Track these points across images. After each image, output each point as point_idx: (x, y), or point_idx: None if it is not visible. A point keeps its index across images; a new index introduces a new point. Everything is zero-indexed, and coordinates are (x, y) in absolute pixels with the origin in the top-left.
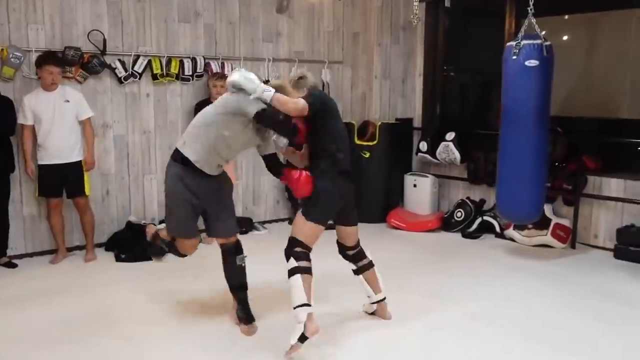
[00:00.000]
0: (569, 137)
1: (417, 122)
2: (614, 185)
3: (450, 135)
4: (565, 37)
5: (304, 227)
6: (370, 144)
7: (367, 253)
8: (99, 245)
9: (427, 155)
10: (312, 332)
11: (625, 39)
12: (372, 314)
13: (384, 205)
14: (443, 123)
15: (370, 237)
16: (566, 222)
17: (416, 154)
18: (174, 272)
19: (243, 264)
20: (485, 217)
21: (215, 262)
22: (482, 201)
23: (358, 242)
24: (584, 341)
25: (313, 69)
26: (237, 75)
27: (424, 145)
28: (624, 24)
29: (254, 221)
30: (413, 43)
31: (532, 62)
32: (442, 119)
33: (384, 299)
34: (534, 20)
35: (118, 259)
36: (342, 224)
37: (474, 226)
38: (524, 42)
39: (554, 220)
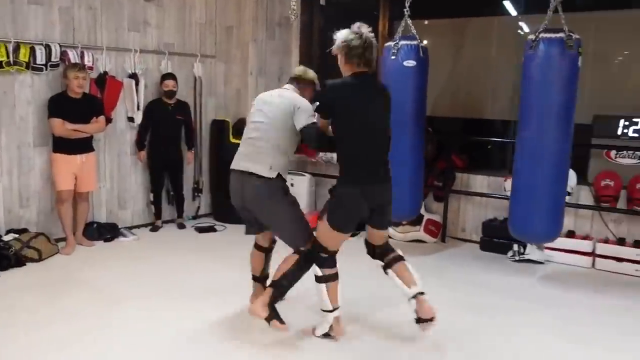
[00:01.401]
0: (438, 137)
1: None
2: (478, 182)
3: None
4: (435, 41)
5: (325, 231)
6: None
7: (398, 250)
8: None
9: (304, 154)
10: (338, 333)
11: (488, 44)
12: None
13: None
14: None
15: (245, 238)
16: (437, 218)
17: (294, 152)
18: (30, 290)
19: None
20: None
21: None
22: None
23: (386, 242)
24: (460, 332)
25: (184, 62)
26: None
27: None
28: (487, 30)
29: (120, 227)
30: (289, 40)
31: (410, 63)
32: None
33: (422, 293)
34: (410, 22)
35: None
36: (370, 225)
37: None
38: (402, 42)
39: (426, 216)
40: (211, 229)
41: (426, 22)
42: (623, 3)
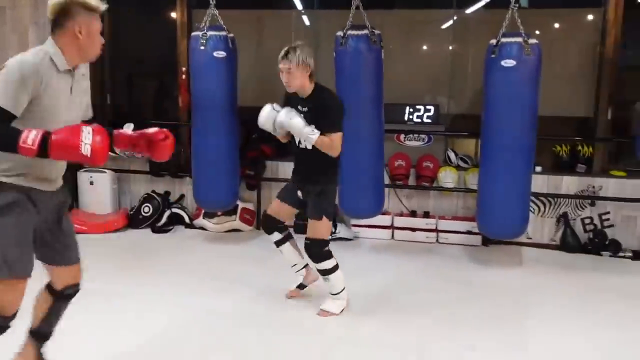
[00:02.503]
0: (245, 127)
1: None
2: (287, 169)
3: (129, 127)
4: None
5: (327, 226)
6: None
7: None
8: None
9: None
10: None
11: (287, 37)
12: (300, 287)
13: None
14: (117, 114)
15: None
16: (251, 206)
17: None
18: None
19: None
20: (173, 209)
21: None
22: (168, 193)
23: None
24: (293, 314)
25: None
26: (284, 116)
27: None
28: (286, 23)
29: None
30: None
31: (220, 54)
32: (116, 110)
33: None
34: (216, 12)
35: None
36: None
37: (164, 219)
38: (210, 33)
39: (241, 205)
40: None
41: (216, 11)
42: (389, 4)
